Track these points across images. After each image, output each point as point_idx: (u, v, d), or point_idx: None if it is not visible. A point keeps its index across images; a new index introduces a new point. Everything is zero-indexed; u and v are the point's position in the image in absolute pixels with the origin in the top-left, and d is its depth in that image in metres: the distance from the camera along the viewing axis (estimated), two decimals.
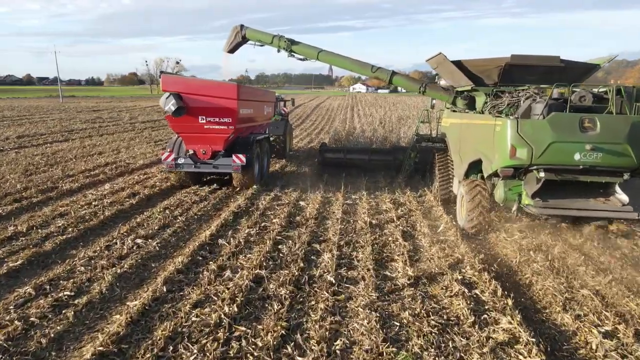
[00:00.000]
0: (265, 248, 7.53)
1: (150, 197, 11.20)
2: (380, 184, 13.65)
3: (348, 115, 44.22)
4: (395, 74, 13.07)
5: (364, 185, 13.00)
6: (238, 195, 11.82)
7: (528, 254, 7.67)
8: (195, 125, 11.53)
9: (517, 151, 7.71)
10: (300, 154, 20.69)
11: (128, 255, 7.23)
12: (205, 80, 12.43)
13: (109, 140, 22.46)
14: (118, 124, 31.29)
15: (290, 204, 10.83)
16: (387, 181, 14.06)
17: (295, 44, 13.31)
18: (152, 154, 17.96)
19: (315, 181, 13.84)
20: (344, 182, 13.72)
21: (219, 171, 12.38)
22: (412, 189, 12.83)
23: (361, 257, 7.33)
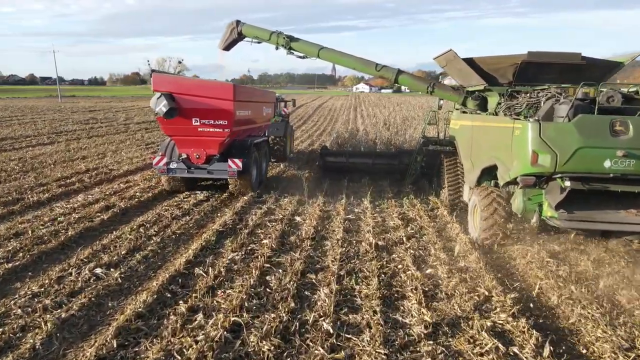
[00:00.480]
0: (249, 280, 6.22)
1: (126, 211, 9.91)
2: (385, 193, 12.37)
3: (351, 116, 42.84)
4: (401, 73, 12.06)
5: (368, 195, 11.66)
6: (226, 209, 10.58)
7: (567, 287, 6.36)
8: (188, 128, 10.84)
9: (540, 157, 7.03)
10: (301, 157, 19.55)
11: (81, 291, 5.91)
12: (200, 79, 11.32)
13: (97, 143, 21.25)
14: (111, 125, 30.13)
15: (284, 219, 9.53)
16: (393, 190, 12.76)
17: (294, 41, 12.36)
18: (139, 159, 16.74)
19: (315, 188, 12.66)
20: (345, 191, 12.43)
21: (214, 177, 11.77)
22: (421, 201, 11.60)
23: (366, 293, 6.03)
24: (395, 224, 9.46)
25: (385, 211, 10.58)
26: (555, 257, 7.52)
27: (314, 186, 12.92)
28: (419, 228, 9.24)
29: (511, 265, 7.42)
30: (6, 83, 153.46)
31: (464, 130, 10.64)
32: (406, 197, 11.98)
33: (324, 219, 9.76)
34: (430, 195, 12.40)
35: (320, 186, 13.09)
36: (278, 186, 13.17)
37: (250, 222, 9.29)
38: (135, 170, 14.83)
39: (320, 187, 12.95)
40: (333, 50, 12.43)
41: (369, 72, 12.69)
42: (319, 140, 24.65)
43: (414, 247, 7.98)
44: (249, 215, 9.88)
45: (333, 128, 32.86)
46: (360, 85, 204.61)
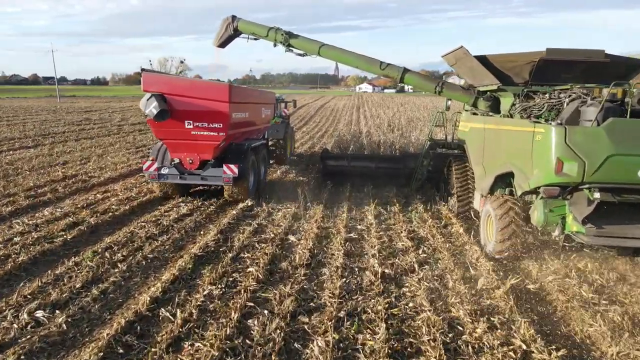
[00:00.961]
0: (226, 327, 4.98)
1: (95, 229, 8.70)
2: (391, 204, 11.14)
3: (354, 117, 41.63)
4: (408, 72, 11.19)
5: (372, 208, 10.43)
6: (211, 225, 9.41)
7: (623, 337, 5.12)
8: (181, 131, 10.27)
9: (565, 166, 6.43)
10: (301, 159, 18.52)
11: (10, 346, 4.66)
12: (193, 80, 10.31)
13: (85, 146, 20.10)
14: (104, 126, 29.09)
15: (276, 239, 8.31)
16: (400, 201, 11.52)
17: (293, 38, 11.48)
18: (125, 165, 15.59)
19: (314, 197, 11.58)
20: (347, 202, 11.20)
21: (208, 183, 11.19)
22: (432, 215, 10.33)
23: (371, 346, 4.75)
24: (404, 245, 8.21)
25: (392, 228, 9.31)
26: (600, 292, 6.28)
27: (313, 195, 11.80)
28: (431, 250, 7.99)
29: (547, 302, 6.16)
30: (9, 83, 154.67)
31: (475, 133, 9.92)
32: (415, 210, 10.80)
33: (321, 239, 8.54)
34: (441, 207, 11.25)
35: (320, 195, 11.95)
36: (274, 195, 12.04)
37: (235, 244, 8.08)
38: (118, 177, 13.72)
39: (319, 196, 11.82)
40: (335, 47, 11.52)
41: (373, 71, 11.72)
42: (320, 143, 23.46)
43: (428, 277, 6.73)
44: (236, 234, 8.68)
45: (335, 129, 31.70)
46: (363, 85, 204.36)
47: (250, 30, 11.79)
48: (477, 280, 6.58)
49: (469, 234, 8.78)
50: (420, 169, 13.26)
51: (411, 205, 11.22)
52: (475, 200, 10.10)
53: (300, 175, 15.26)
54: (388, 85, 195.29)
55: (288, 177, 15.03)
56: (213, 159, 10.88)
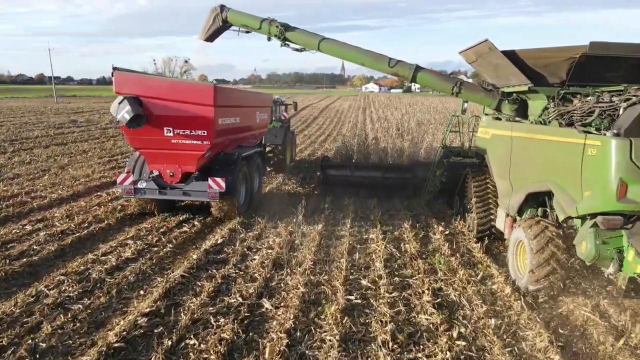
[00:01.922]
0: None
1: None
2: (403, 231, 10.06)
3: (359, 119, 40.92)
4: (420, 70, 10.31)
5: (379, 228, 9.41)
6: (158, 279, 7.36)
7: None
8: (159, 140, 9.53)
9: (630, 190, 5.55)
10: (302, 165, 17.88)
11: None
12: (172, 80, 9.46)
13: (53, 154, 18.98)
14: (88, 130, 28.29)
15: (243, 307, 6.27)
16: (411, 219, 10.57)
17: (290, 30, 10.67)
18: (88, 179, 14.36)
19: (313, 213, 10.63)
20: (349, 227, 10.10)
21: (191, 199, 10.44)
22: (463, 260, 8.63)
23: None
24: (418, 280, 7.25)
25: (410, 283, 7.61)
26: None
27: (311, 211, 10.80)
28: (471, 331, 5.88)
29: None
30: (15, 82, 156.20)
31: (499, 141, 9.15)
32: (439, 253, 8.69)
33: (309, 306, 6.38)
34: (457, 224, 10.29)
35: (318, 212, 10.91)
36: (267, 210, 11.18)
37: (181, 319, 5.80)
38: (70, 197, 12.21)
39: (319, 209, 10.81)
40: (337, 41, 10.66)
41: (380, 69, 10.82)
42: (322, 148, 22.61)
43: (456, 333, 5.64)
44: (186, 300, 6.44)
45: (339, 133, 30.74)
46: (369, 85, 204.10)
47: (241, 22, 10.94)
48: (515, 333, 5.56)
49: (511, 282, 7.46)
50: (432, 180, 12.41)
51: (424, 224, 10.18)
52: (499, 219, 9.21)
53: (299, 186, 14.40)
54: (395, 85, 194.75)
55: (286, 187, 14.18)
56: (197, 171, 10.09)
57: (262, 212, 11.01)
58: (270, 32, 10.77)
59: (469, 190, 10.51)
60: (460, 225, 10.74)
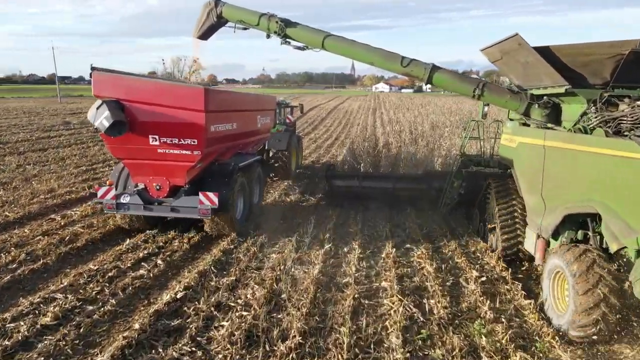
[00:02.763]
0: None
1: None
2: (421, 259, 8.97)
3: (369, 121, 39.91)
4: (437, 70, 9.35)
5: (394, 271, 8.13)
6: (118, 324, 6.29)
7: None
8: (144, 149, 8.80)
9: None
10: (306, 173, 17.01)
11: None
12: (158, 82, 8.67)
13: (25, 161, 17.86)
14: (78, 133, 27.49)
15: (229, 358, 5.35)
16: (431, 248, 9.56)
17: (291, 26, 9.85)
18: (52, 194, 12.78)
19: (312, 241, 9.65)
20: (357, 254, 8.98)
21: (180, 216, 9.52)
22: (490, 297, 7.29)
23: None
24: (440, 328, 6.12)
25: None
26: None
27: (310, 239, 9.82)
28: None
29: None
30: (26, 82, 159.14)
31: (528, 151, 8.30)
32: (477, 316, 6.63)
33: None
34: (478, 245, 9.32)
35: (317, 244, 9.73)
36: (264, 228, 10.25)
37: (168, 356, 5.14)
38: (17, 221, 10.50)
39: (316, 246, 9.56)
40: (344, 39, 9.80)
41: (391, 69, 9.93)
42: (328, 154, 21.61)
43: None
44: (183, 320, 5.87)
45: (347, 136, 29.72)
46: (379, 84, 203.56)
47: (238, 17, 10.15)
48: None
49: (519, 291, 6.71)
50: (449, 192, 11.50)
51: (458, 275, 8.91)
52: (528, 240, 8.27)
53: (302, 197, 13.51)
54: (405, 85, 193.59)
55: (288, 199, 13.28)
56: (187, 184, 9.20)
57: (253, 235, 10.03)
58: (269, 29, 9.98)
59: (491, 204, 9.61)
60: (483, 246, 9.77)
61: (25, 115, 38.78)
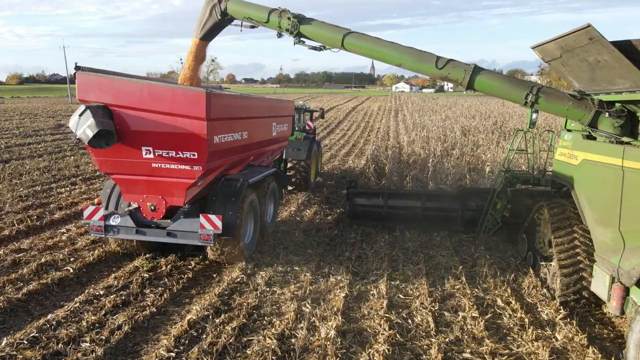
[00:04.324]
0: None
1: None
2: (454, 279, 8.04)
3: (391, 124, 38.17)
4: (480, 72, 8.11)
5: (425, 293, 7.09)
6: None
7: None
8: (136, 163, 7.94)
9: None
10: (328, 182, 16.09)
11: None
12: (152, 84, 7.66)
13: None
14: (64, 139, 26.21)
15: None
16: (468, 275, 8.41)
17: (305, 23, 8.74)
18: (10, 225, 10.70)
19: (337, 265, 8.66)
20: (382, 317, 7.60)
21: (177, 242, 8.52)
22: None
23: None
24: None
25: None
26: None
27: (334, 266, 8.71)
28: None
29: None
30: (49, 82, 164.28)
31: (597, 171, 7.20)
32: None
33: None
34: (525, 279, 8.12)
35: (343, 268, 8.73)
36: (275, 256, 9.18)
37: None
38: None
39: (340, 268, 8.57)
40: (367, 37, 8.65)
41: (424, 71, 8.69)
42: (345, 165, 20.03)
43: None
44: None
45: (367, 142, 28.32)
46: (400, 84, 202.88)
47: (245, 14, 9.08)
48: None
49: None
50: (491, 215, 10.33)
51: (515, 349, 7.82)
52: (596, 282, 7.04)
53: (321, 211, 12.42)
54: (426, 85, 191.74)
55: (307, 211, 12.21)
56: (186, 204, 8.22)
57: (263, 265, 8.95)
58: (280, 26, 8.90)
59: (543, 231, 8.43)
60: (531, 280, 8.55)
61: (21, 116, 38.12)
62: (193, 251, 9.58)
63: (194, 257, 9.38)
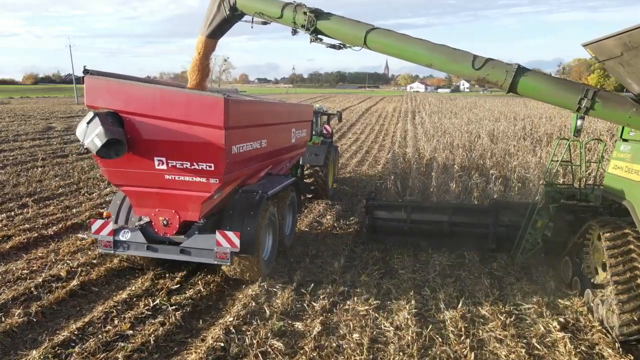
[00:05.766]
0: None
1: None
2: (486, 308, 7.45)
3: (408, 128, 36.96)
4: (525, 72, 7.35)
5: (457, 326, 6.62)
6: None
7: None
8: (148, 175, 7.62)
9: None
10: (345, 187, 15.72)
11: None
12: (165, 89, 7.26)
13: None
14: (46, 144, 24.26)
15: None
16: (503, 302, 7.86)
17: (323, 18, 8.09)
18: None
19: (357, 287, 8.28)
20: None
21: (192, 259, 8.28)
22: None
23: None
24: None
25: None
26: None
27: (354, 289, 8.27)
28: None
29: None
30: (64, 82, 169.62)
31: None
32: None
33: None
34: (571, 306, 7.58)
35: (363, 290, 8.28)
36: (287, 282, 8.78)
37: None
38: None
39: (360, 289, 8.13)
40: (393, 33, 7.97)
41: (458, 71, 7.96)
42: (357, 177, 19.02)
43: None
44: None
45: (382, 148, 27.21)
46: (414, 84, 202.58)
47: (256, 9, 8.45)
48: None
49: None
50: (531, 233, 9.75)
51: None
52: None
53: (339, 220, 12.04)
54: (442, 85, 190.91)
55: (324, 220, 12.02)
56: (201, 218, 7.98)
57: (280, 284, 8.53)
58: (295, 22, 8.25)
59: (593, 255, 7.91)
60: (579, 309, 7.99)
61: (12, 118, 37.55)
62: (205, 265, 9.14)
63: (205, 274, 8.96)
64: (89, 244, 10.49)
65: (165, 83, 9.48)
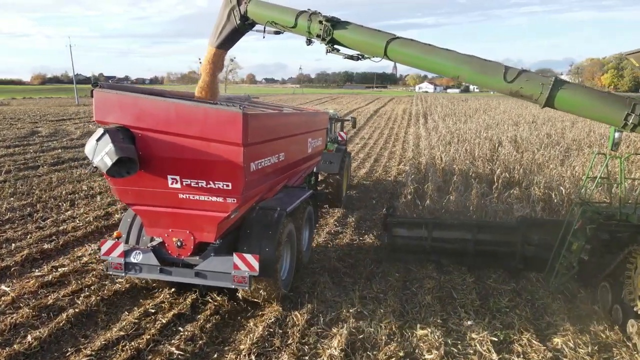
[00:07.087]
0: None
1: None
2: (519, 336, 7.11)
3: (421, 133, 35.12)
4: (563, 86, 6.94)
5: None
6: None
7: None
8: (160, 194, 7.47)
9: None
10: (357, 194, 15.44)
11: None
12: (182, 103, 7.04)
13: None
14: (22, 152, 22.88)
15: None
16: (538, 331, 7.59)
17: (340, 28, 7.75)
18: None
19: (379, 313, 7.94)
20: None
21: (207, 283, 8.06)
22: None
23: None
24: None
25: None
26: None
27: (376, 315, 8.00)
28: None
29: None
30: (70, 82, 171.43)
31: None
32: None
33: None
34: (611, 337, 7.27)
35: (384, 315, 8.02)
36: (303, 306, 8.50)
37: None
38: None
39: (381, 311, 7.84)
40: (416, 43, 7.59)
41: (489, 85, 7.54)
42: (366, 196, 17.93)
43: None
44: None
45: (391, 157, 25.90)
46: (423, 84, 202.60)
47: (268, 18, 8.13)
48: None
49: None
50: (566, 256, 9.40)
51: None
52: None
53: (356, 232, 11.85)
54: (451, 85, 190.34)
55: (341, 230, 11.56)
56: (217, 239, 7.88)
57: (299, 308, 8.31)
58: (310, 31, 7.91)
59: (636, 283, 7.61)
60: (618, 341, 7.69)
61: (8, 120, 37.01)
62: (217, 289, 8.98)
63: (220, 295, 8.78)
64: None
65: (178, 95, 9.21)
